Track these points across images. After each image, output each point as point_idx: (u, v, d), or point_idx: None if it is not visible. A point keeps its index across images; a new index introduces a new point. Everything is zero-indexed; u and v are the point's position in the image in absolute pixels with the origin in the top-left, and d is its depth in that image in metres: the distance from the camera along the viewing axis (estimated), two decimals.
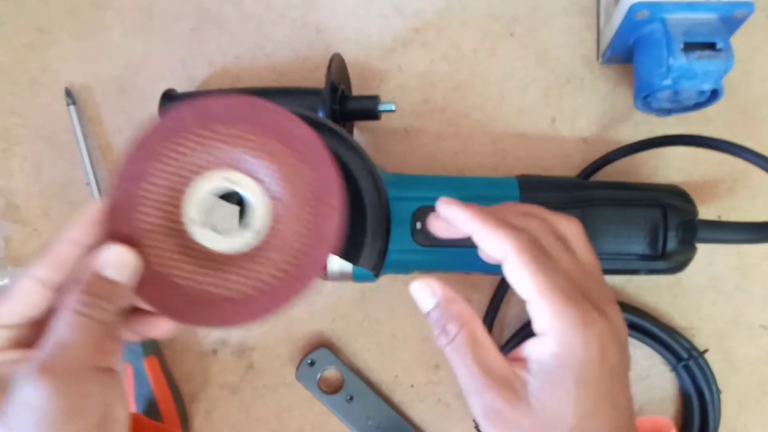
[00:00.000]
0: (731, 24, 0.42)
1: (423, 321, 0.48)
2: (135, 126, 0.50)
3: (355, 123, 0.49)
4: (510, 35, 0.50)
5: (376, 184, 0.37)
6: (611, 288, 0.41)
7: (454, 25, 0.50)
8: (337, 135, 0.36)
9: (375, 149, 0.49)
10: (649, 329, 0.46)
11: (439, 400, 0.48)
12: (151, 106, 0.47)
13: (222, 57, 0.50)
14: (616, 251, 0.41)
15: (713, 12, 0.41)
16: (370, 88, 0.50)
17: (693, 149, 0.46)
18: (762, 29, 0.49)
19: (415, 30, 0.50)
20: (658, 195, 0.42)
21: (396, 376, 0.48)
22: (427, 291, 0.31)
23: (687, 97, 0.43)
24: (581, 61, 0.49)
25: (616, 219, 0.41)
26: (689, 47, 0.40)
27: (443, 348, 0.30)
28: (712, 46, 0.40)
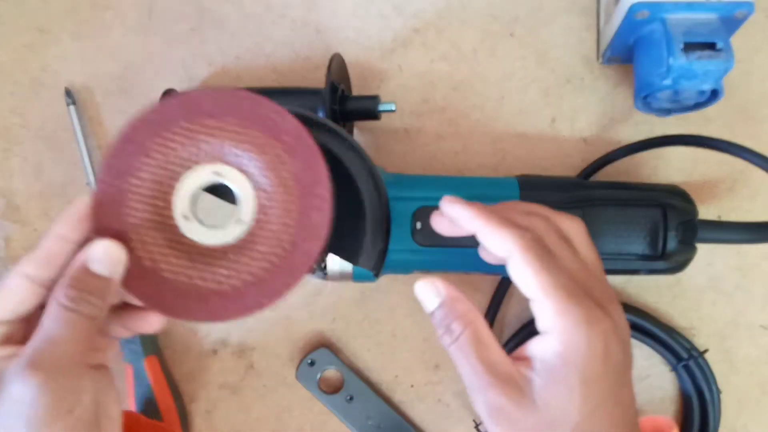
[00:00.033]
0: (731, 24, 0.42)
1: (423, 321, 0.48)
2: None
3: (355, 123, 0.49)
4: (510, 35, 0.50)
5: (376, 184, 0.37)
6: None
7: (454, 25, 0.50)
8: (337, 135, 0.36)
9: (375, 149, 0.49)
10: (649, 329, 0.46)
11: (439, 400, 0.48)
12: None
13: (222, 57, 0.50)
14: (616, 251, 0.41)
15: (713, 12, 0.41)
16: (370, 88, 0.50)
17: (693, 149, 0.46)
18: (762, 29, 0.49)
19: (415, 30, 0.50)
20: (658, 195, 0.42)
21: (396, 376, 0.48)
22: (432, 290, 0.31)
23: (687, 97, 0.43)
24: (581, 61, 0.49)
25: (616, 219, 0.41)
26: (689, 47, 0.40)
27: (447, 347, 0.30)
28: (712, 46, 0.40)
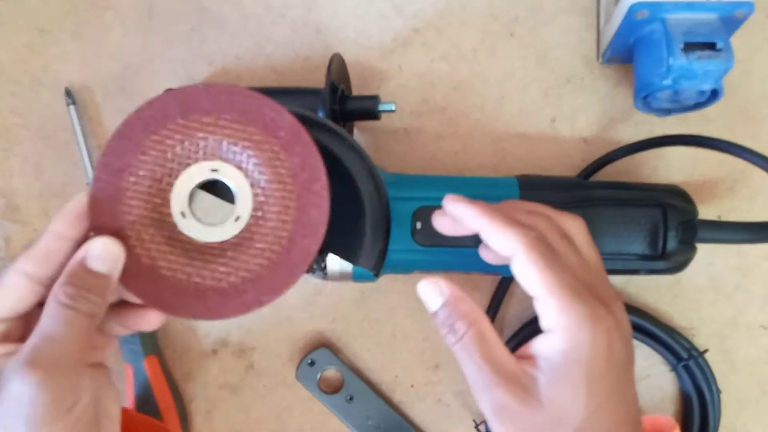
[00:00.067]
0: (731, 24, 0.42)
1: (423, 321, 0.48)
2: None
3: (355, 123, 0.49)
4: (510, 35, 0.50)
5: (376, 184, 0.37)
6: None
7: (454, 25, 0.50)
8: (337, 135, 0.36)
9: (375, 149, 0.49)
10: (649, 329, 0.46)
11: (439, 400, 0.48)
12: None
13: (222, 57, 0.50)
14: (616, 251, 0.41)
15: (713, 12, 0.41)
16: (370, 88, 0.50)
17: (693, 149, 0.46)
18: (762, 29, 0.49)
19: (415, 30, 0.50)
20: (658, 195, 0.42)
21: (396, 376, 0.48)
22: (435, 290, 0.31)
23: (687, 97, 0.43)
24: (581, 61, 0.49)
25: (616, 219, 0.41)
26: (689, 47, 0.40)
27: (451, 346, 0.30)
28: (712, 46, 0.40)
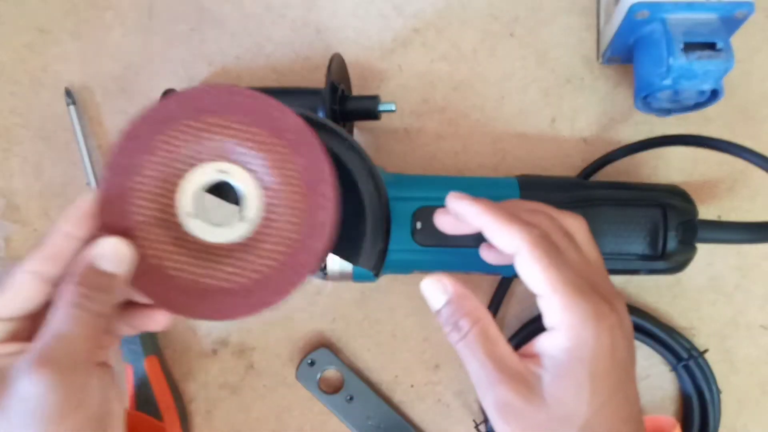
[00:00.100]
0: (731, 24, 0.42)
1: (423, 321, 0.48)
2: None
3: (355, 123, 0.49)
4: (510, 35, 0.50)
5: (376, 184, 0.37)
6: None
7: (454, 25, 0.50)
8: (337, 135, 0.36)
9: (375, 149, 0.49)
10: (649, 329, 0.46)
11: (439, 400, 0.48)
12: None
13: (222, 57, 0.50)
14: (616, 251, 0.41)
15: (713, 12, 0.41)
16: (370, 88, 0.50)
17: (693, 149, 0.46)
18: (762, 29, 0.49)
19: (415, 30, 0.50)
20: (658, 195, 0.42)
21: (396, 376, 0.48)
22: (439, 288, 0.31)
23: (687, 97, 0.43)
24: (581, 61, 0.49)
25: (616, 219, 0.41)
26: (689, 47, 0.40)
27: (455, 344, 0.30)
28: (712, 46, 0.40)
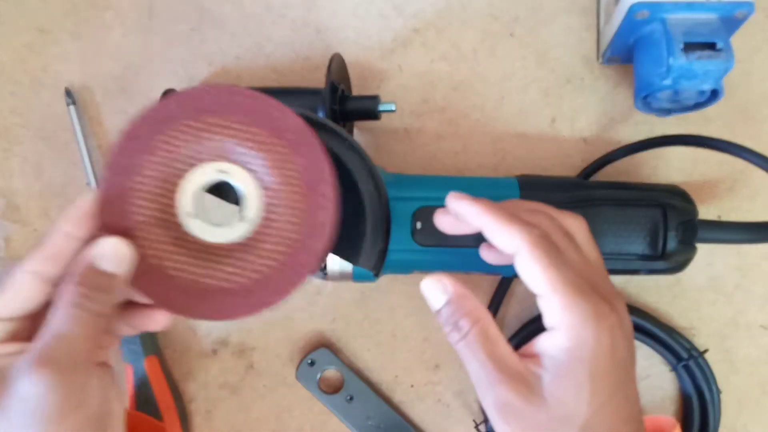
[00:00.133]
0: (731, 24, 0.42)
1: (423, 321, 0.48)
2: None
3: (355, 123, 0.49)
4: (510, 35, 0.50)
5: (376, 184, 0.37)
6: None
7: (454, 25, 0.50)
8: (337, 135, 0.36)
9: (375, 149, 0.49)
10: (649, 329, 0.46)
11: (439, 400, 0.48)
12: None
13: (222, 57, 0.50)
14: (616, 251, 0.41)
15: (713, 12, 0.41)
16: (370, 88, 0.50)
17: (693, 149, 0.46)
18: (762, 29, 0.49)
19: (415, 30, 0.50)
20: (658, 195, 0.42)
21: (396, 376, 0.48)
22: (439, 287, 0.31)
23: (687, 97, 0.43)
24: (581, 61, 0.49)
25: (616, 219, 0.41)
26: (689, 47, 0.40)
27: (455, 344, 0.30)
28: (712, 46, 0.40)
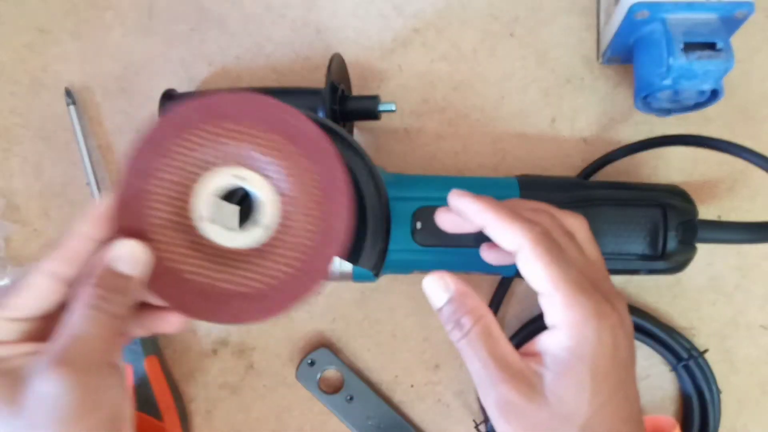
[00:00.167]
0: (731, 24, 0.42)
1: (423, 321, 0.48)
2: (135, 126, 0.50)
3: (355, 123, 0.49)
4: (510, 35, 0.50)
5: (376, 184, 0.37)
6: None
7: (454, 25, 0.50)
8: (337, 135, 0.36)
9: (375, 149, 0.49)
10: (649, 329, 0.46)
11: (439, 400, 0.48)
12: (151, 106, 0.47)
13: (222, 57, 0.50)
14: (616, 251, 0.41)
15: (713, 12, 0.41)
16: (370, 88, 0.50)
17: (693, 149, 0.46)
18: (762, 29, 0.49)
19: (415, 30, 0.50)
20: (658, 195, 0.42)
21: (396, 376, 0.48)
22: (441, 285, 0.31)
23: (687, 97, 0.43)
24: (581, 61, 0.49)
25: (616, 219, 0.41)
26: (689, 47, 0.40)
27: (456, 342, 0.30)
28: (712, 46, 0.40)
